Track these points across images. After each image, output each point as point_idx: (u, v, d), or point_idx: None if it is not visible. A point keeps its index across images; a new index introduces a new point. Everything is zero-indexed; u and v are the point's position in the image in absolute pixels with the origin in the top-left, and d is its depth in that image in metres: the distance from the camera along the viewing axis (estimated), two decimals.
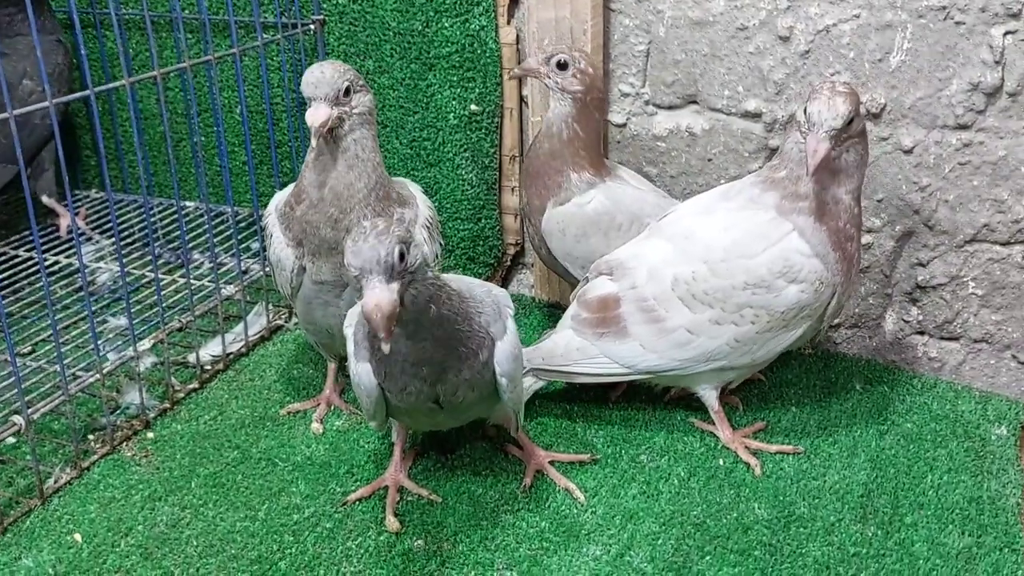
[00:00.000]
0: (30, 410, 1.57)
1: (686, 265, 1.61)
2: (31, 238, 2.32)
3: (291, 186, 1.69)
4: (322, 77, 1.53)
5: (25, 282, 2.14)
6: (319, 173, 1.59)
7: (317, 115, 1.52)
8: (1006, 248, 1.82)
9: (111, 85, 1.61)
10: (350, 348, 1.43)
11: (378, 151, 1.63)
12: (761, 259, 1.56)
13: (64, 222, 2.29)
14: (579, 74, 1.77)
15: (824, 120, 1.47)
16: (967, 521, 1.50)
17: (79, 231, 2.22)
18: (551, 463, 1.61)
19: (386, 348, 1.20)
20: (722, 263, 1.58)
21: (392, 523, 1.51)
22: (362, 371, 1.40)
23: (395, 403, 1.42)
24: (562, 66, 1.76)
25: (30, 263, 2.21)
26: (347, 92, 1.55)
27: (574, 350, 1.69)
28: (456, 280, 1.43)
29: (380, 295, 1.18)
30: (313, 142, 1.55)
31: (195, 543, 1.47)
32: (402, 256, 1.21)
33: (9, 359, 1.55)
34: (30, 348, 1.94)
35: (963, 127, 1.77)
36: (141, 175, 1.70)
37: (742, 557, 1.43)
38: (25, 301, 2.08)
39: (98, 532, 1.50)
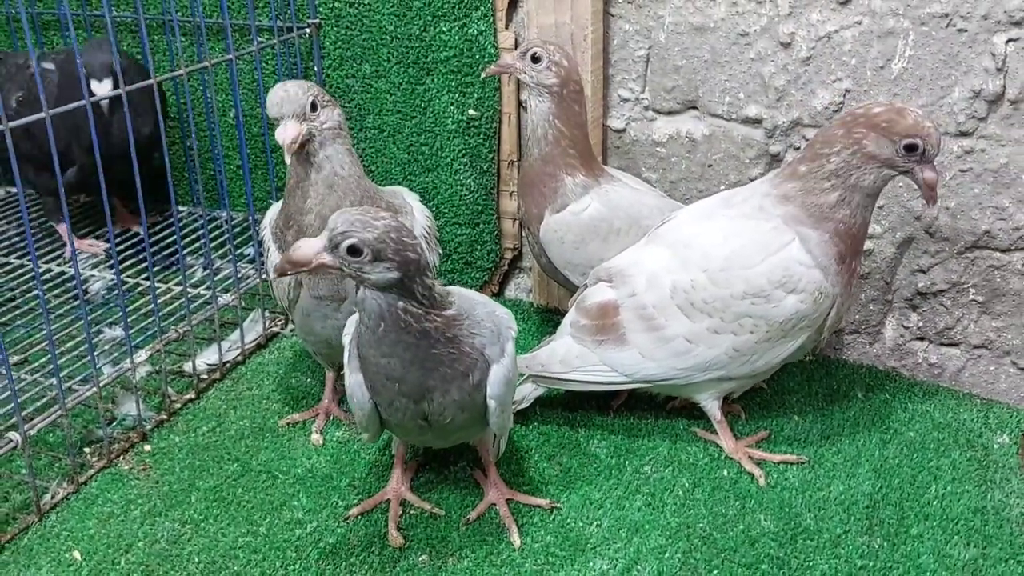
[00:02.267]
0: (26, 426, 1.54)
1: (685, 273, 1.60)
2: (22, 246, 2.30)
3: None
4: (286, 95, 1.52)
5: (19, 290, 2.11)
6: (302, 200, 1.56)
7: (287, 132, 1.50)
8: (1007, 255, 1.82)
9: (107, 94, 1.58)
10: (346, 358, 1.41)
11: (357, 163, 1.60)
12: (760, 269, 1.55)
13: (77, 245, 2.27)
14: (553, 66, 1.74)
15: (938, 151, 1.51)
16: (972, 532, 1.50)
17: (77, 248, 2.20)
18: (509, 501, 1.56)
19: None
20: (721, 272, 1.57)
21: (395, 538, 1.50)
22: (355, 382, 1.39)
23: (385, 416, 1.41)
24: (536, 59, 1.74)
25: (22, 270, 2.18)
26: (313, 107, 1.53)
27: (573, 357, 1.68)
28: (460, 297, 1.39)
29: (306, 245, 1.25)
30: (287, 159, 1.52)
31: (197, 560, 1.46)
32: (354, 251, 1.23)
33: (5, 373, 1.52)
34: (23, 358, 1.91)
35: (965, 134, 1.76)
36: (136, 181, 1.67)
37: (750, 571, 1.43)
38: (20, 310, 2.05)
39: (98, 549, 1.48)
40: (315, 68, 2.16)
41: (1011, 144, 1.74)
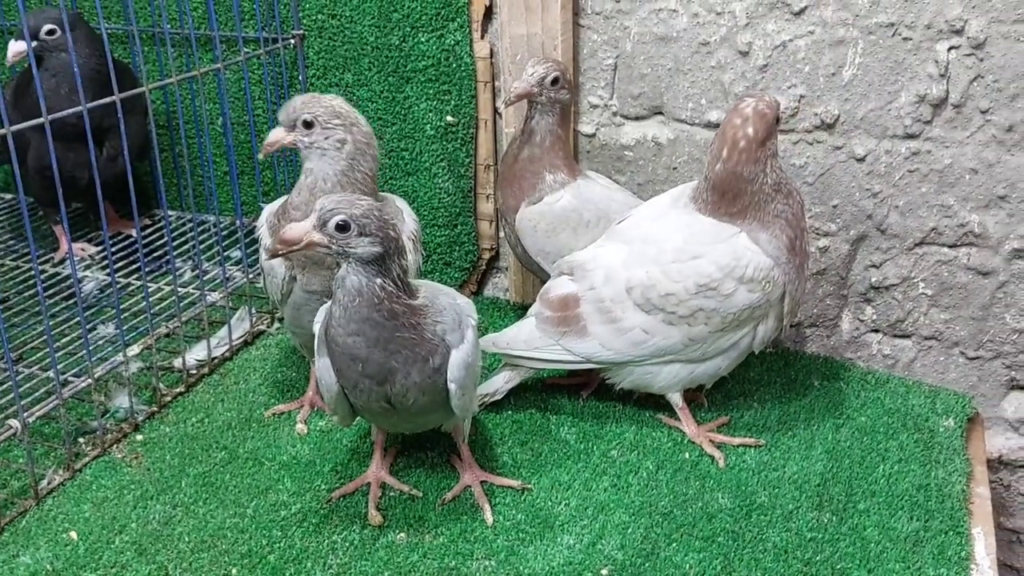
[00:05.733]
0: (25, 413, 1.63)
1: (640, 268, 1.69)
2: (15, 248, 2.39)
3: (283, 198, 1.77)
4: (288, 105, 1.68)
5: (13, 291, 2.19)
6: (296, 195, 1.70)
7: (269, 136, 1.70)
8: (953, 250, 1.93)
9: (102, 101, 1.67)
10: (316, 343, 1.51)
11: (350, 184, 1.67)
12: (710, 256, 1.64)
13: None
14: (567, 85, 1.88)
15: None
16: (915, 507, 1.60)
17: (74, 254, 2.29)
18: (483, 483, 1.65)
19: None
20: (673, 264, 1.66)
21: (375, 517, 1.58)
22: (323, 366, 1.48)
23: (352, 400, 1.50)
24: (555, 81, 1.85)
25: (15, 272, 2.26)
26: (309, 125, 1.66)
27: (536, 338, 1.78)
28: (425, 287, 1.50)
29: (296, 226, 1.37)
30: (260, 156, 1.74)
31: (187, 539, 1.54)
32: (342, 227, 1.34)
33: (6, 365, 1.60)
34: (18, 355, 1.99)
35: (911, 137, 1.88)
36: (131, 185, 1.76)
37: (707, 543, 1.52)
38: (12, 311, 2.13)
39: (93, 530, 1.56)
40: (299, 77, 2.26)
41: (955, 146, 1.85)
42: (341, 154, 1.66)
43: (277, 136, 1.69)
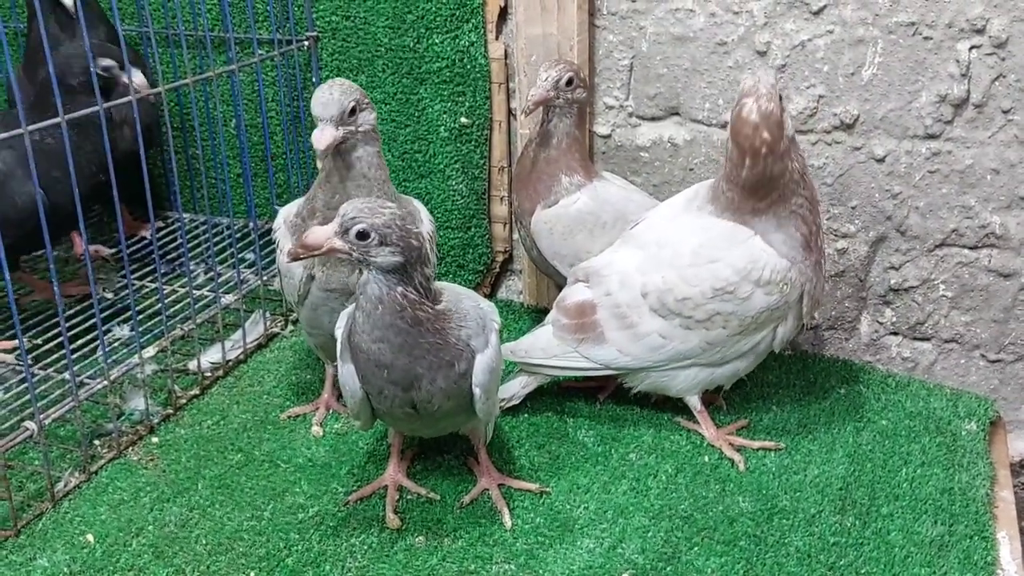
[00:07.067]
0: (42, 415, 1.62)
1: (656, 273, 1.68)
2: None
3: (299, 200, 1.75)
4: (331, 98, 1.58)
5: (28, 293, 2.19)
6: (331, 195, 1.64)
7: (323, 137, 1.57)
8: (974, 252, 1.91)
9: (119, 101, 1.67)
10: (339, 349, 1.49)
11: (384, 167, 1.67)
12: (727, 259, 1.62)
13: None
14: (582, 84, 1.87)
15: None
16: (940, 511, 1.58)
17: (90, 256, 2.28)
18: (500, 486, 1.64)
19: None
20: (690, 268, 1.65)
21: (393, 520, 1.57)
22: (347, 372, 1.47)
23: (376, 405, 1.49)
24: (570, 82, 1.84)
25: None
26: (353, 112, 1.59)
27: (554, 346, 1.76)
28: (448, 291, 1.49)
29: (318, 231, 1.36)
30: (318, 163, 1.60)
31: (204, 542, 1.53)
32: (363, 235, 1.33)
33: (22, 368, 1.60)
34: (33, 357, 1.99)
35: (932, 137, 1.86)
36: (146, 187, 1.75)
37: (728, 547, 1.51)
38: (29, 312, 2.12)
39: (109, 532, 1.55)
40: (313, 79, 2.25)
41: (976, 146, 1.84)
42: (376, 133, 1.64)
43: (331, 134, 1.57)
